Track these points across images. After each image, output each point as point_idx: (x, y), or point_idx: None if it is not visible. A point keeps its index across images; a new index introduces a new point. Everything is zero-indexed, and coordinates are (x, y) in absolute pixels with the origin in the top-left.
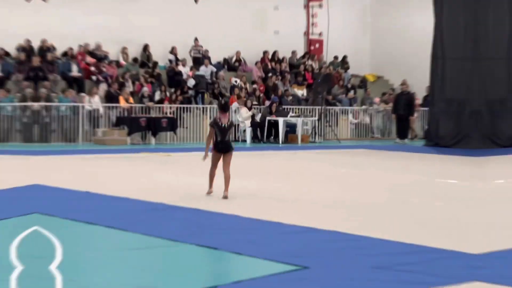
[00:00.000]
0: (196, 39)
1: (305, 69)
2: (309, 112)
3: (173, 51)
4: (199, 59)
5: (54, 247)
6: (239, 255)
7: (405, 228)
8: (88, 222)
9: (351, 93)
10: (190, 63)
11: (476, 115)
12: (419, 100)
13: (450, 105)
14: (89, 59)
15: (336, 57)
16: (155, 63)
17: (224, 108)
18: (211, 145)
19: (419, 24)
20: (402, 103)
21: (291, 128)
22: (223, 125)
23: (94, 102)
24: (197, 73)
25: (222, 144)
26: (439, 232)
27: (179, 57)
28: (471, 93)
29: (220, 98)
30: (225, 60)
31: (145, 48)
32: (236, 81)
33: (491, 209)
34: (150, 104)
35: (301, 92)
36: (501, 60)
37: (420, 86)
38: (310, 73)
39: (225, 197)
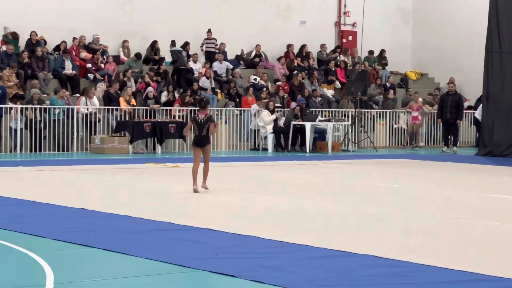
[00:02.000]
0: (209, 31)
1: (336, 65)
2: (341, 116)
3: (185, 47)
4: (213, 54)
5: (44, 274)
6: (260, 284)
7: (455, 252)
8: (83, 245)
9: (390, 93)
10: (202, 59)
11: None
12: (469, 101)
13: (507, 108)
14: (85, 54)
15: (372, 52)
16: (162, 59)
17: (200, 104)
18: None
19: (470, 12)
20: (449, 106)
21: (320, 135)
22: (199, 120)
23: (90, 104)
24: (174, 48)
25: (199, 138)
26: (496, 258)
27: (189, 51)
28: None
29: (205, 95)
30: (242, 55)
31: (153, 44)
32: (255, 79)
33: None
34: (156, 106)
35: (332, 92)
36: None
37: (471, 85)
38: (343, 70)
39: (205, 188)
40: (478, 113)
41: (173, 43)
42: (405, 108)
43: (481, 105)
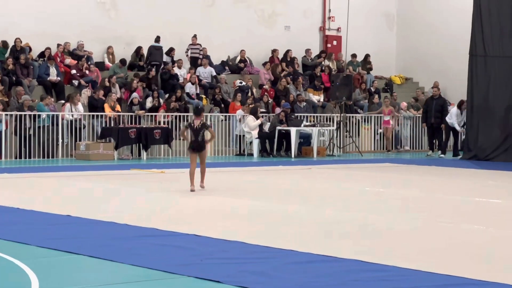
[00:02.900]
0: (194, 36)
1: (321, 70)
2: (326, 121)
3: (170, 52)
4: (198, 60)
5: (29, 281)
6: None
7: (440, 256)
8: (68, 251)
9: (375, 98)
10: (187, 64)
11: None
12: (454, 105)
13: (491, 112)
14: (70, 60)
15: (354, 55)
16: (147, 65)
17: (196, 111)
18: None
19: (454, 16)
20: (433, 110)
21: (305, 140)
22: (195, 126)
23: (75, 110)
24: (154, 44)
25: (195, 144)
26: (482, 261)
27: (173, 57)
28: None
29: (200, 103)
30: (228, 60)
31: (138, 50)
32: (241, 82)
33: None
34: (141, 112)
35: (318, 98)
36: None
37: (456, 89)
38: (327, 75)
39: (202, 187)
40: (449, 118)
41: (157, 39)
42: (376, 112)
43: (453, 109)
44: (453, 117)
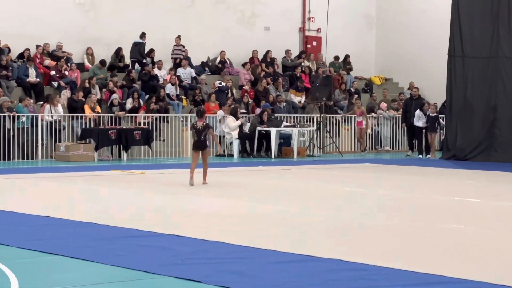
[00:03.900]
0: (178, 37)
1: (301, 71)
2: (306, 121)
3: (150, 53)
4: (181, 61)
5: (9, 282)
6: None
7: (419, 254)
8: (49, 253)
9: (355, 98)
10: (168, 65)
11: (502, 122)
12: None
13: (470, 112)
14: (49, 61)
15: (337, 57)
16: (127, 66)
17: (198, 114)
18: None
19: (433, 17)
20: (413, 110)
21: (285, 140)
22: (198, 127)
23: (55, 111)
24: (137, 40)
25: (198, 143)
26: (460, 260)
27: (154, 58)
28: (497, 97)
29: (202, 106)
30: (207, 61)
31: (118, 51)
32: (220, 83)
33: None
34: (121, 113)
35: (299, 99)
36: None
37: (435, 89)
38: (307, 75)
39: (205, 183)
40: (416, 120)
41: (141, 35)
42: (349, 113)
43: (417, 111)
44: (417, 118)
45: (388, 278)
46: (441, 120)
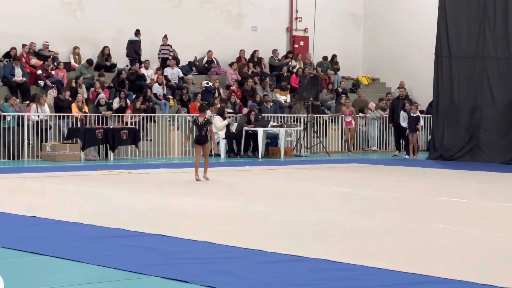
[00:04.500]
0: (165, 37)
1: (288, 70)
2: (293, 121)
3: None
4: (169, 61)
5: None
6: None
7: (406, 254)
8: (35, 253)
9: (343, 98)
10: (155, 65)
11: (488, 122)
12: (420, 105)
13: (457, 112)
14: (35, 61)
15: (325, 58)
16: (114, 65)
17: (200, 109)
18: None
19: (420, 17)
20: (400, 110)
21: (272, 140)
22: (199, 122)
23: (41, 111)
24: (132, 38)
25: (200, 137)
26: (447, 259)
27: (141, 58)
28: (483, 98)
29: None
30: (195, 61)
31: (104, 50)
32: (207, 83)
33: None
34: (108, 113)
35: (285, 98)
36: None
37: (422, 89)
38: (295, 75)
39: (206, 178)
40: (402, 120)
41: (136, 32)
42: (338, 114)
43: (401, 112)
44: (402, 119)
45: (375, 278)
46: (421, 121)
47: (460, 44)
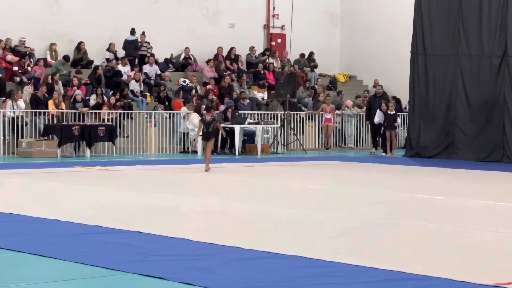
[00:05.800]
0: (142, 34)
1: (265, 68)
2: (270, 118)
3: (110, 48)
4: (146, 58)
5: None
6: (190, 286)
7: (382, 251)
8: (10, 249)
9: (321, 96)
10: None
11: (463, 120)
12: (403, 104)
13: (432, 110)
14: (11, 57)
15: (302, 55)
16: (90, 62)
17: (206, 108)
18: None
19: (397, 15)
20: (377, 108)
21: (249, 137)
22: (207, 120)
23: (16, 107)
24: (129, 37)
25: (207, 134)
26: (422, 256)
27: (117, 55)
28: (457, 95)
29: (204, 100)
30: (171, 58)
31: (79, 46)
32: (184, 81)
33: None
34: (84, 110)
35: (262, 95)
36: (495, 57)
37: (399, 87)
38: (271, 72)
39: (207, 170)
40: (378, 118)
41: (132, 31)
42: (319, 111)
43: (378, 110)
44: (377, 117)
45: (351, 275)
46: (398, 119)
47: (435, 42)
